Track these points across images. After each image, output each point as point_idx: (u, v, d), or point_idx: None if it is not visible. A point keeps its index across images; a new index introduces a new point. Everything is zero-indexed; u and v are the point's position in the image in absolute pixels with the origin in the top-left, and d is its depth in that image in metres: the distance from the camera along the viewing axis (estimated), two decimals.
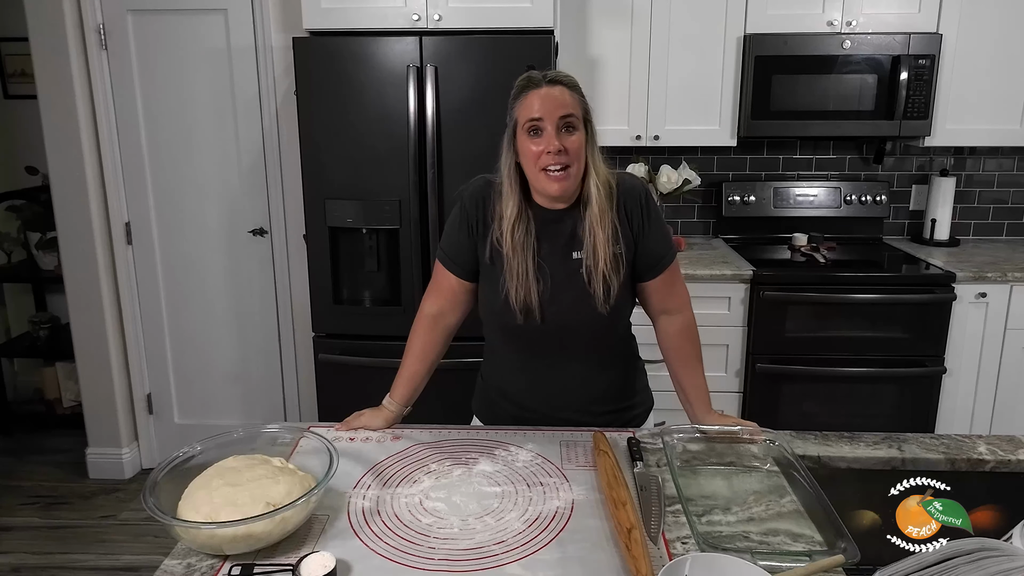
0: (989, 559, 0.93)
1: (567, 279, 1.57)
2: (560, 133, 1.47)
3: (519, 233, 1.54)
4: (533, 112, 1.47)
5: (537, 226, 1.57)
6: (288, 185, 3.16)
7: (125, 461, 3.38)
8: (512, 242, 1.54)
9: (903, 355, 2.98)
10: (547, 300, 1.57)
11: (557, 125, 1.47)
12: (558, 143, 1.46)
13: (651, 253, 1.61)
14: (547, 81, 1.49)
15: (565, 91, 1.49)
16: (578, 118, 1.50)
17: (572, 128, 1.49)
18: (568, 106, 1.48)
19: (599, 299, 1.55)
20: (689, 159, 3.41)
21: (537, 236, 1.56)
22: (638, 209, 1.60)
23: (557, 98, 1.47)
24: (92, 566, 2.79)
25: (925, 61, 3.00)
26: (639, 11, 3.07)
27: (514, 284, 1.54)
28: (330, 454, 1.30)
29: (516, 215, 1.54)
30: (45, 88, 3.02)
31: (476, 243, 1.61)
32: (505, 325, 1.61)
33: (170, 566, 1.16)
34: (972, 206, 3.54)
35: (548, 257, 1.57)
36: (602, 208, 1.53)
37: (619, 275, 1.56)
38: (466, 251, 1.62)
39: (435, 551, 1.18)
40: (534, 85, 1.49)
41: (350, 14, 2.72)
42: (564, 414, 1.66)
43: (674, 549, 1.20)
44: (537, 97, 1.47)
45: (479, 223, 1.60)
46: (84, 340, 3.26)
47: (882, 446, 1.53)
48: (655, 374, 3.10)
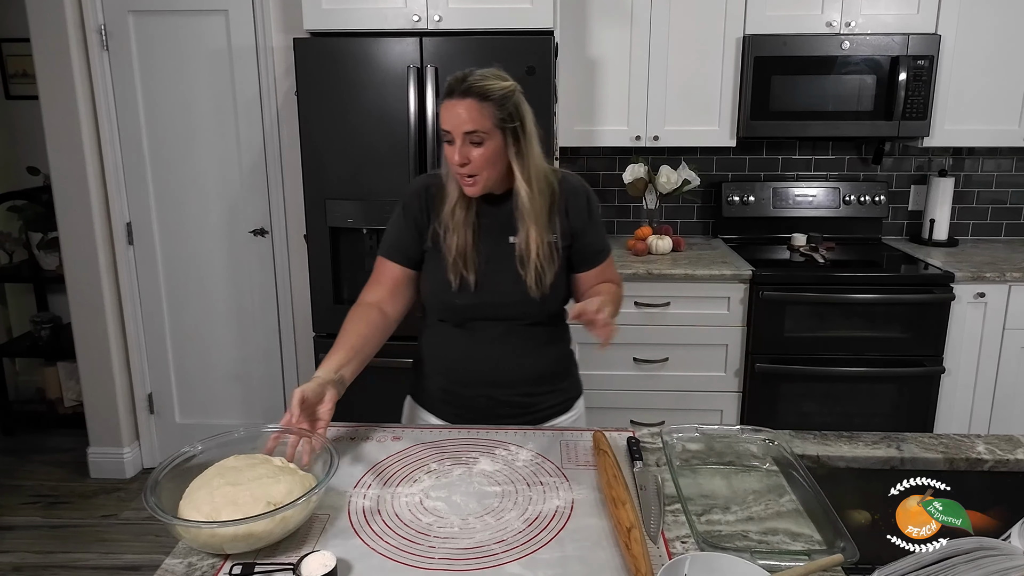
0: (987, 558, 0.94)
1: (502, 261, 1.64)
2: (465, 146, 1.54)
3: (460, 212, 1.63)
4: (444, 123, 1.56)
5: (478, 207, 1.66)
6: (289, 185, 3.16)
7: (126, 461, 3.39)
8: (453, 220, 1.63)
9: (902, 355, 2.99)
10: (482, 275, 1.64)
11: (462, 139, 1.54)
12: (459, 158, 1.54)
13: (588, 248, 1.71)
14: (460, 91, 1.53)
15: (474, 105, 1.52)
16: (486, 131, 1.53)
17: (479, 143, 1.54)
18: (473, 122, 1.52)
19: (531, 283, 1.62)
20: (688, 159, 3.41)
21: (478, 215, 1.65)
22: (580, 207, 1.68)
23: (462, 115, 1.52)
24: (93, 565, 2.80)
25: (924, 62, 3.00)
26: (639, 12, 3.08)
27: (451, 255, 1.63)
28: (330, 454, 1.31)
29: (458, 197, 1.63)
30: (46, 89, 3.02)
31: (420, 232, 1.69)
32: (445, 302, 1.68)
33: (171, 565, 1.16)
34: (970, 206, 3.55)
35: (486, 237, 1.66)
36: (532, 201, 1.60)
37: (553, 264, 1.64)
38: (409, 241, 1.70)
39: (435, 550, 1.19)
40: (449, 94, 1.54)
41: (351, 15, 2.73)
42: (494, 391, 1.71)
43: (673, 548, 1.20)
44: (447, 109, 1.54)
45: (422, 213, 1.69)
46: (85, 340, 3.27)
47: (881, 446, 1.53)
48: (655, 374, 3.13)
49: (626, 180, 3.33)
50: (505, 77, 1.59)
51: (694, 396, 3.09)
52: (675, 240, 3.26)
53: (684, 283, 2.98)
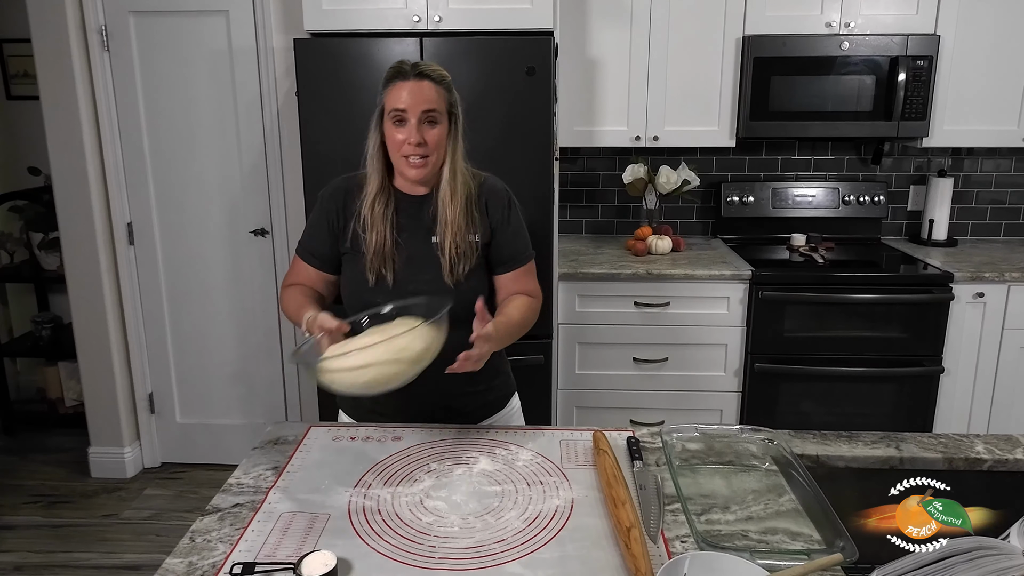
0: (986, 558, 0.94)
1: (425, 260, 1.64)
2: (422, 126, 1.57)
3: (379, 207, 1.63)
4: (399, 103, 1.56)
5: (398, 206, 1.66)
6: (289, 185, 3.17)
7: (127, 460, 3.39)
8: (372, 215, 1.62)
9: (901, 355, 2.99)
10: (401, 273, 1.63)
11: (420, 118, 1.56)
12: (418, 136, 1.56)
13: (504, 249, 1.70)
14: (415, 74, 1.57)
15: (431, 86, 1.57)
16: (441, 112, 1.59)
17: (434, 122, 1.58)
18: (432, 101, 1.56)
19: (446, 276, 1.62)
20: (688, 160, 3.42)
21: (397, 214, 1.65)
22: (499, 207, 1.70)
23: (422, 93, 1.55)
24: (94, 565, 2.80)
25: (923, 62, 3.01)
26: (639, 12, 3.09)
27: (370, 252, 1.62)
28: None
29: (378, 190, 1.63)
30: (47, 89, 3.03)
31: (335, 235, 1.68)
32: (363, 300, 1.64)
33: (172, 565, 1.17)
34: (970, 206, 3.55)
35: (408, 238, 1.65)
36: (454, 192, 1.62)
37: (470, 258, 1.64)
38: (325, 244, 1.70)
39: (435, 550, 1.19)
40: (402, 76, 1.57)
41: (351, 15, 2.73)
42: (416, 397, 1.60)
43: (673, 548, 1.20)
44: (404, 89, 1.56)
45: (338, 215, 1.68)
46: (86, 340, 3.27)
47: (880, 445, 1.54)
48: (655, 374, 3.13)
49: (626, 180, 3.34)
50: (441, 68, 1.63)
51: (694, 396, 3.10)
52: (675, 240, 3.26)
53: (684, 283, 2.99)
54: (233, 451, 3.31)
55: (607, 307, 3.02)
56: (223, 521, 1.28)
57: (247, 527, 1.26)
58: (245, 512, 1.31)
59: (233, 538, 1.23)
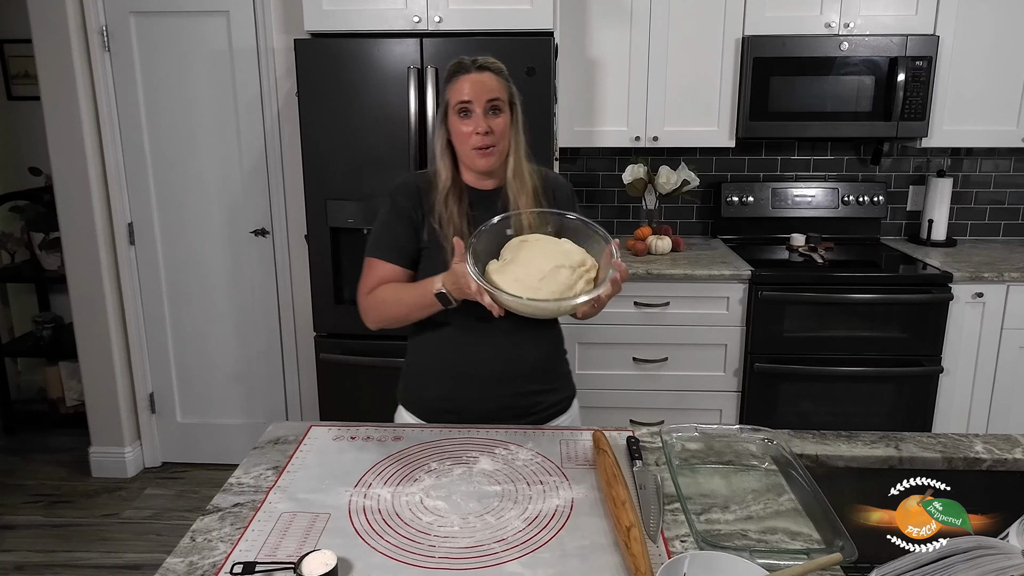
0: (985, 557, 0.94)
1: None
2: (487, 115, 1.60)
3: (453, 203, 1.65)
4: (463, 95, 1.60)
5: (471, 201, 1.68)
6: (290, 186, 3.17)
7: (128, 460, 3.40)
8: (447, 211, 1.64)
9: (900, 354, 3.00)
10: None
11: (484, 108, 1.60)
12: (485, 124, 1.59)
13: None
14: (476, 67, 1.61)
15: (492, 77, 1.62)
16: (504, 102, 1.62)
17: (498, 111, 1.61)
18: (495, 91, 1.61)
19: None
20: (688, 160, 3.42)
21: (471, 208, 1.67)
22: (565, 196, 1.75)
23: (485, 83, 1.60)
24: (95, 564, 2.81)
25: (922, 63, 3.01)
26: (638, 13, 3.09)
27: (449, 247, 1.60)
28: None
29: (449, 185, 1.66)
30: (48, 89, 3.03)
31: (416, 229, 1.68)
32: None
33: (173, 564, 1.17)
34: (969, 206, 3.55)
35: None
36: (523, 183, 1.65)
37: None
38: (403, 237, 1.68)
39: (435, 549, 1.20)
40: (464, 70, 1.61)
41: (351, 16, 2.74)
42: (495, 390, 1.69)
43: (673, 547, 1.21)
44: (467, 81, 1.60)
45: (416, 210, 1.68)
46: (87, 340, 3.28)
47: (879, 445, 1.54)
48: (655, 373, 3.14)
49: (626, 180, 3.34)
50: None
51: (693, 396, 3.10)
52: (674, 240, 3.27)
53: (683, 283, 2.99)
54: (233, 451, 3.32)
55: (607, 307, 3.01)
56: (224, 521, 1.29)
57: (247, 527, 1.26)
58: (246, 512, 1.31)
59: (234, 537, 1.23)
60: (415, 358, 1.78)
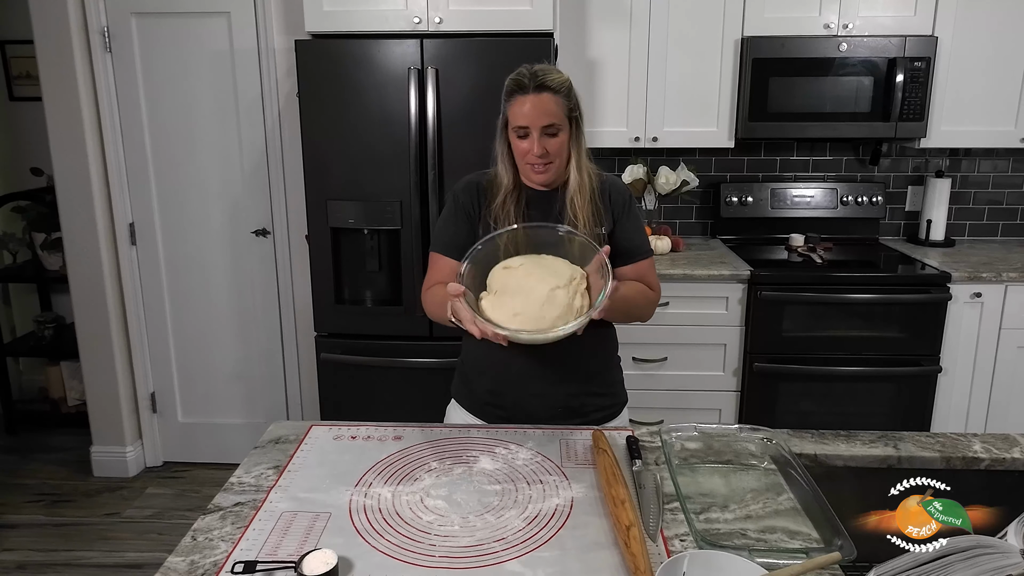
0: (984, 556, 0.95)
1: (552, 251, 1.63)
2: (543, 137, 1.62)
3: (511, 203, 1.69)
4: (520, 120, 1.61)
5: (528, 201, 1.71)
6: (290, 186, 3.18)
7: (129, 459, 3.40)
8: (505, 211, 1.68)
9: (899, 354, 3.00)
10: None
11: (540, 132, 1.61)
12: (540, 148, 1.62)
13: (627, 241, 1.74)
14: (535, 87, 1.60)
15: (551, 99, 1.60)
16: (560, 122, 1.62)
17: (554, 133, 1.62)
18: (552, 115, 1.61)
19: None
20: (687, 160, 3.43)
21: (528, 208, 1.71)
22: (621, 201, 1.75)
23: (542, 107, 1.60)
24: (96, 563, 2.81)
25: (921, 63, 3.02)
26: (638, 14, 3.09)
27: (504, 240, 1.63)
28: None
29: (511, 189, 1.69)
30: (50, 90, 3.04)
31: (472, 225, 1.73)
32: None
33: (174, 563, 1.18)
34: (967, 207, 3.56)
35: None
36: (582, 187, 1.66)
37: None
38: (464, 235, 1.72)
39: (436, 548, 1.20)
40: (522, 91, 1.60)
41: (352, 17, 2.74)
42: (542, 388, 1.71)
43: (672, 546, 1.21)
44: (525, 104, 1.60)
45: (475, 207, 1.73)
46: (88, 339, 3.28)
47: (878, 444, 1.55)
48: (654, 373, 3.14)
49: (625, 181, 3.34)
50: (560, 71, 1.65)
51: (693, 395, 3.11)
52: (674, 240, 3.27)
53: (683, 283, 3.00)
54: (234, 450, 3.32)
55: None
56: (225, 520, 1.29)
57: (248, 526, 1.27)
58: (246, 511, 1.32)
59: (235, 537, 1.24)
60: (467, 352, 1.81)
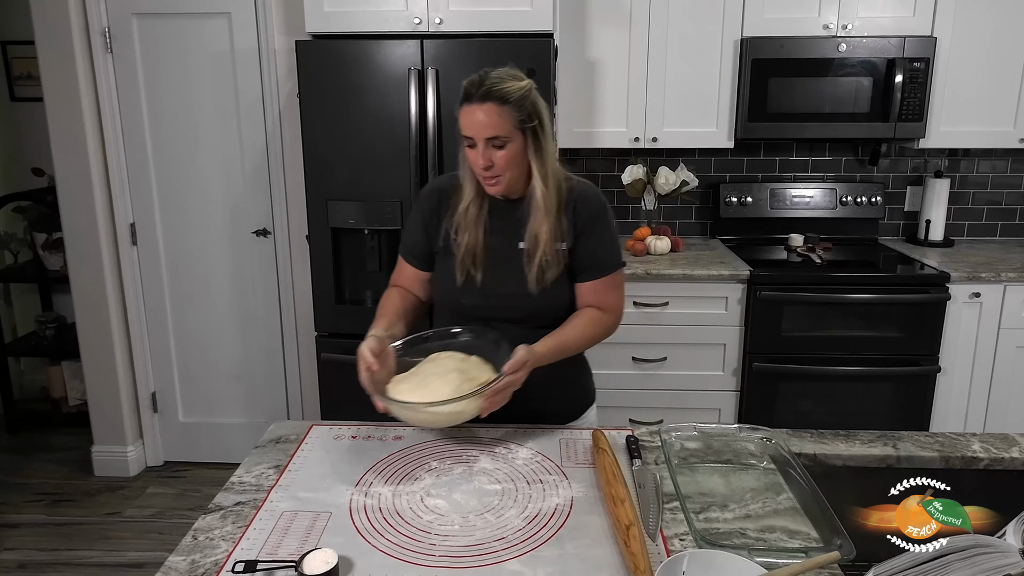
0: (983, 555, 0.95)
1: (510, 263, 1.66)
2: (488, 149, 1.57)
3: (473, 211, 1.66)
4: (465, 129, 1.58)
5: (491, 209, 1.69)
6: (291, 186, 3.18)
7: (130, 459, 3.41)
8: (466, 218, 1.66)
9: (898, 354, 3.01)
10: (488, 274, 1.66)
11: (485, 143, 1.57)
12: (485, 160, 1.58)
13: (590, 256, 1.68)
14: (480, 96, 1.54)
15: (494, 109, 1.54)
16: (507, 134, 1.56)
17: (500, 145, 1.57)
18: (495, 127, 1.55)
19: (532, 279, 1.63)
20: (687, 161, 3.43)
21: (490, 216, 1.68)
22: (588, 214, 1.69)
23: (483, 121, 1.55)
24: (97, 563, 2.82)
25: (920, 64, 3.02)
26: (637, 14, 3.10)
27: (461, 252, 1.65)
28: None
29: (473, 196, 1.66)
30: (51, 91, 3.04)
31: (429, 234, 1.73)
32: (452, 300, 1.71)
33: (174, 563, 1.18)
34: (966, 207, 3.56)
35: (498, 241, 1.68)
36: (547, 204, 1.62)
37: (557, 266, 1.65)
38: (421, 243, 1.75)
39: (436, 548, 1.21)
40: (468, 99, 1.56)
41: (352, 17, 2.75)
42: None
43: (672, 545, 1.22)
44: (472, 113, 1.56)
45: (432, 215, 1.72)
46: (90, 339, 3.29)
47: (877, 444, 1.55)
48: (654, 373, 3.14)
49: (625, 181, 3.35)
50: (520, 76, 1.60)
51: (692, 395, 3.11)
52: (673, 240, 3.28)
53: (682, 283, 3.00)
54: (235, 450, 3.33)
55: None
56: (225, 519, 1.30)
57: (249, 525, 1.27)
58: (247, 510, 1.32)
59: (235, 536, 1.25)
60: None
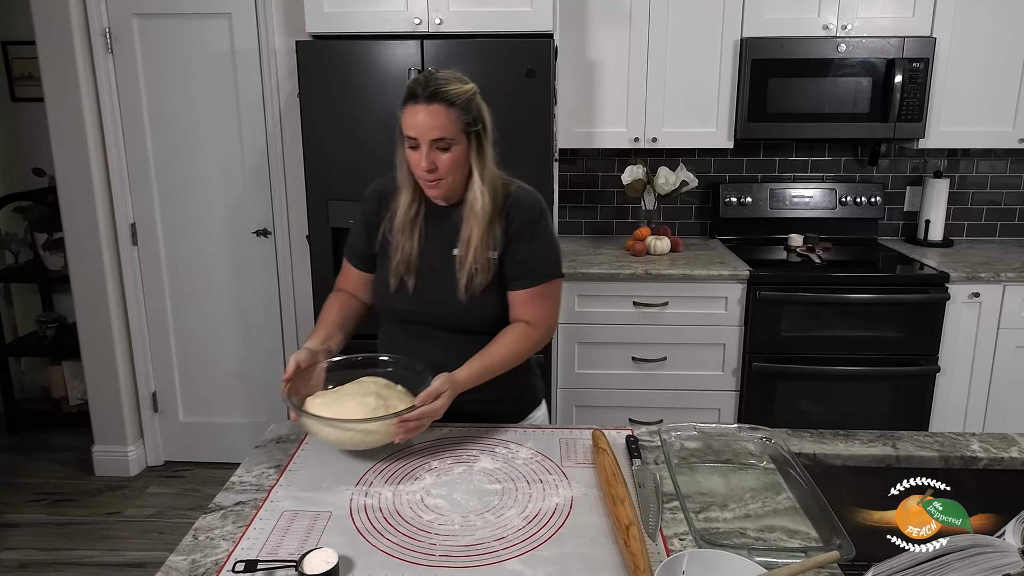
0: (982, 555, 0.95)
1: (444, 271, 1.65)
2: (432, 151, 1.55)
3: (410, 216, 1.65)
4: (409, 130, 1.55)
5: (427, 215, 1.68)
6: (291, 187, 3.19)
7: (130, 458, 3.41)
8: (402, 223, 1.65)
9: (897, 354, 3.01)
10: (422, 281, 1.66)
11: (430, 145, 1.54)
12: (428, 162, 1.55)
13: (519, 264, 1.65)
14: (426, 96, 1.52)
15: (441, 111, 1.52)
16: (454, 137, 1.54)
17: (446, 148, 1.55)
18: (442, 128, 1.53)
19: (462, 285, 1.62)
20: (687, 161, 3.43)
21: (425, 223, 1.68)
22: (521, 221, 1.65)
23: (432, 120, 1.52)
24: (98, 562, 2.82)
25: (919, 64, 3.02)
26: (637, 15, 3.10)
27: (396, 258, 1.65)
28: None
29: (410, 201, 1.65)
30: (52, 91, 3.04)
31: (370, 236, 1.73)
32: (386, 304, 1.71)
33: (175, 562, 1.19)
34: (965, 207, 3.57)
35: (433, 248, 1.67)
36: (484, 210, 1.61)
37: (487, 273, 1.63)
38: (362, 245, 1.76)
39: (436, 547, 1.21)
40: (413, 99, 1.53)
41: (352, 18, 2.75)
42: None
43: (672, 545, 1.22)
44: (416, 114, 1.53)
45: (373, 217, 1.73)
46: (90, 339, 3.29)
47: (877, 444, 1.56)
48: (654, 373, 3.15)
49: (625, 181, 3.35)
50: (465, 80, 1.58)
51: (692, 395, 3.11)
52: (673, 241, 3.28)
53: (682, 283, 3.00)
54: (236, 449, 3.33)
55: (606, 307, 3.04)
56: (226, 519, 1.30)
57: (249, 525, 1.28)
58: (248, 510, 1.33)
59: (236, 536, 1.25)
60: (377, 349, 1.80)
